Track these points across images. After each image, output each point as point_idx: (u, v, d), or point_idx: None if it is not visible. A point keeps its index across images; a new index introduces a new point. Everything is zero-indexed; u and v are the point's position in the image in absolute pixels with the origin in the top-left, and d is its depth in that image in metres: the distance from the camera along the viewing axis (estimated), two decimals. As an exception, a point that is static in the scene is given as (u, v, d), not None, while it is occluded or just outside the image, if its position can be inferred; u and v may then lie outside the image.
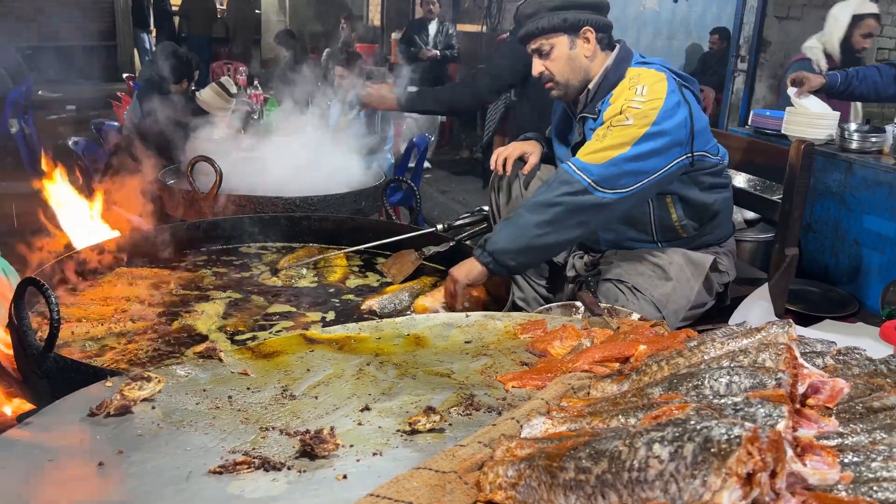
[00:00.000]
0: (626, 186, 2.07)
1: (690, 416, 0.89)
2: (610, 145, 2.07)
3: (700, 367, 1.10)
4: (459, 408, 1.23)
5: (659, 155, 2.10)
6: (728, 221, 2.45)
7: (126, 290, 2.06)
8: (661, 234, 2.34)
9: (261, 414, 1.20)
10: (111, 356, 1.66)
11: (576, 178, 2.05)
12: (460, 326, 1.63)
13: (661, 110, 2.08)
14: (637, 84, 2.16)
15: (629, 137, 2.06)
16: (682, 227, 2.31)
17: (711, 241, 2.39)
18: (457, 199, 6.83)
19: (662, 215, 2.30)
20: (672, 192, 2.26)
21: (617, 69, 2.26)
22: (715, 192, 2.32)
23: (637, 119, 2.07)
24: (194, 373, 1.34)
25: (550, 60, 2.26)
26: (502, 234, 2.05)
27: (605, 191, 2.05)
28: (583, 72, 2.27)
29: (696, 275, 2.30)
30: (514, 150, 2.53)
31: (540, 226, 2.03)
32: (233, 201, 2.68)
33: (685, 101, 2.15)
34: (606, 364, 1.34)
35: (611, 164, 2.05)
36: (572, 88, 2.30)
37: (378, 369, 1.41)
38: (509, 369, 1.42)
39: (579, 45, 2.24)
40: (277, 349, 1.49)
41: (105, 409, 1.13)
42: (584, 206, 2.05)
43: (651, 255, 2.32)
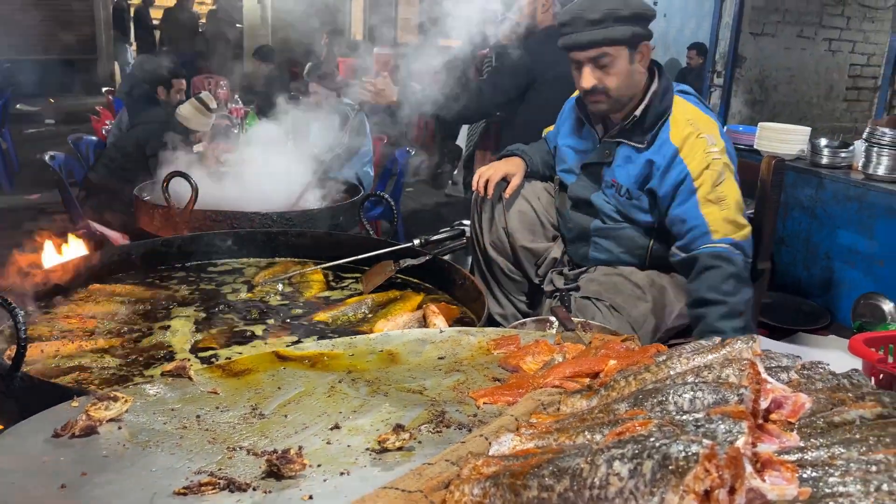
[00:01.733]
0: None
1: (652, 432, 0.89)
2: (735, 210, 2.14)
3: (665, 383, 1.11)
4: (430, 425, 1.23)
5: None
6: None
7: (98, 307, 2.04)
8: (652, 262, 2.35)
9: (229, 434, 1.19)
10: (81, 375, 1.64)
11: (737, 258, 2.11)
12: (434, 342, 1.63)
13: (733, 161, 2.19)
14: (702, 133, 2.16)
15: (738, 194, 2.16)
16: (671, 255, 2.32)
17: None
18: (437, 213, 6.84)
19: (660, 247, 2.31)
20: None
21: (664, 97, 2.20)
22: None
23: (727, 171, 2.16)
24: (163, 392, 1.33)
25: (608, 74, 2.14)
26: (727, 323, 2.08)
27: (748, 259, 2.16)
28: (634, 89, 2.19)
29: (678, 298, 2.31)
30: (496, 172, 2.49)
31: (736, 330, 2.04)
32: (209, 216, 2.67)
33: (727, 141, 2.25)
34: (577, 379, 1.35)
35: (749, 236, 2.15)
36: (621, 105, 2.22)
37: (350, 386, 1.41)
38: (482, 385, 1.42)
39: (637, 61, 2.15)
40: (248, 367, 1.48)
41: (70, 430, 1.12)
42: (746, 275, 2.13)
43: (632, 275, 2.33)
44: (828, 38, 6.24)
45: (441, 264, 2.30)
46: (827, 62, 6.29)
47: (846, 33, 6.26)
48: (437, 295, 2.25)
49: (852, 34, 6.29)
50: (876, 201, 2.76)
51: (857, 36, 6.29)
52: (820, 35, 6.16)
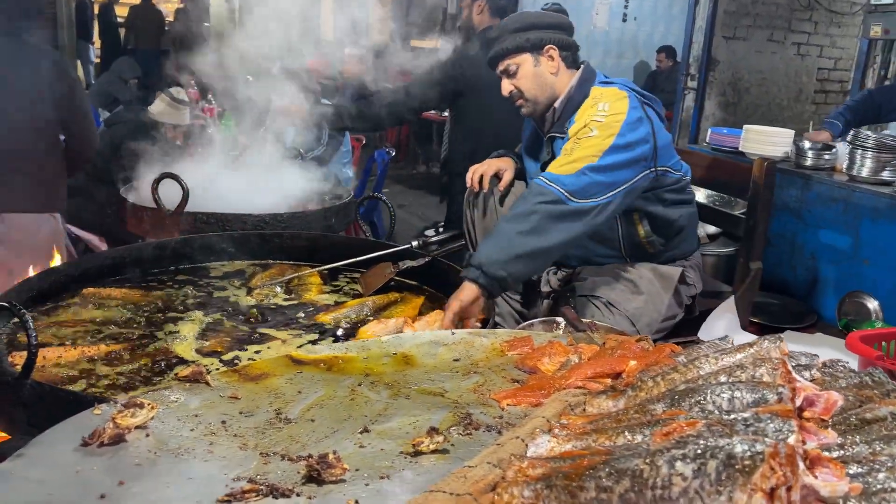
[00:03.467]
0: (597, 195, 2.12)
1: (703, 432, 0.91)
2: (578, 157, 2.13)
3: (699, 383, 1.13)
4: (459, 427, 1.23)
5: (625, 168, 2.17)
6: (693, 236, 2.53)
7: (96, 312, 2.00)
8: (629, 250, 2.40)
9: (258, 439, 1.18)
10: (87, 382, 1.61)
11: (549, 190, 2.10)
12: (447, 344, 1.63)
13: (623, 123, 2.16)
14: (599, 101, 2.23)
15: (596, 149, 2.13)
16: (649, 243, 2.38)
17: (678, 255, 2.46)
18: (415, 213, 6.84)
19: (630, 232, 2.36)
20: (638, 208, 2.32)
21: (581, 88, 2.34)
22: (679, 207, 2.40)
23: (601, 130, 2.15)
24: (183, 398, 1.31)
25: (517, 79, 2.35)
26: (485, 247, 2.06)
27: (577, 200, 2.10)
28: (549, 88, 2.36)
29: (666, 287, 2.37)
30: (490, 167, 2.57)
31: (522, 234, 2.05)
32: (200, 219, 2.63)
33: (647, 118, 2.23)
34: (599, 380, 1.36)
35: (580, 174, 2.11)
36: (541, 105, 2.38)
37: (370, 390, 1.40)
38: (501, 387, 1.43)
39: (543, 63, 2.34)
40: (265, 371, 1.46)
41: (98, 438, 1.09)
42: (562, 213, 2.09)
43: (622, 270, 2.38)
44: (797, 42, 6.40)
45: (441, 266, 2.29)
46: (796, 65, 6.45)
47: (814, 38, 6.42)
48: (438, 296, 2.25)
49: (820, 38, 6.45)
50: (860, 202, 2.84)
51: (824, 41, 6.46)
52: (789, 39, 6.31)
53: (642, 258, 2.41)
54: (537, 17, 2.37)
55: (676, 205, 2.38)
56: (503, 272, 2.00)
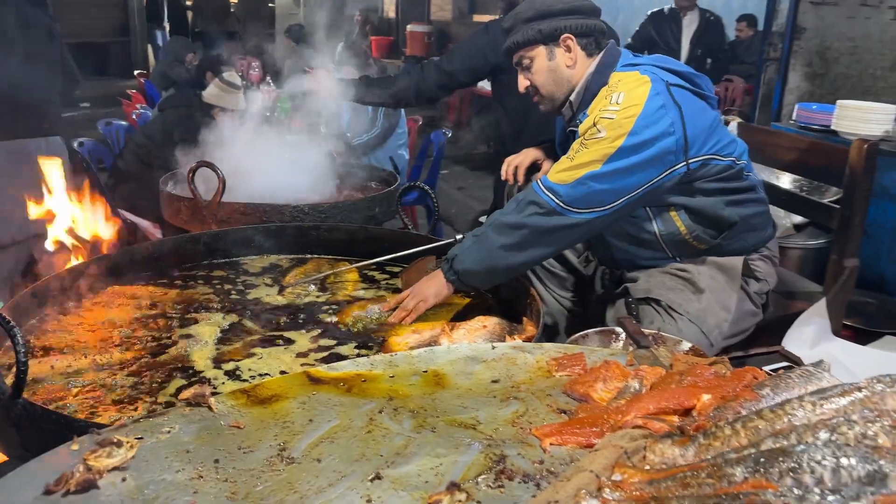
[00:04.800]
0: (601, 205, 1.89)
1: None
2: (580, 163, 1.88)
3: (791, 440, 0.89)
4: (489, 476, 1.03)
5: (638, 170, 1.89)
6: (762, 226, 2.19)
7: (117, 312, 1.88)
8: (674, 250, 2.11)
9: (251, 486, 1.00)
10: (92, 396, 1.48)
11: (543, 199, 1.89)
12: (486, 361, 1.43)
13: (638, 118, 1.87)
14: (614, 92, 1.95)
15: (600, 154, 1.87)
16: (695, 240, 2.08)
17: (746, 247, 2.14)
18: (474, 195, 6.63)
19: (670, 231, 2.07)
20: (672, 203, 2.04)
21: (600, 76, 2.06)
22: (731, 196, 2.07)
23: (610, 130, 1.87)
24: (178, 427, 1.15)
25: (532, 73, 2.13)
26: (469, 253, 1.94)
27: (576, 210, 1.88)
28: (566, 82, 2.11)
29: (730, 282, 2.08)
30: (525, 158, 2.38)
31: (505, 248, 1.90)
32: (237, 209, 2.50)
33: (674, 104, 1.92)
34: (663, 417, 1.13)
35: (579, 184, 1.87)
36: (557, 101, 2.15)
37: (392, 418, 1.21)
38: (545, 418, 1.21)
39: (559, 55, 2.09)
40: (276, 392, 1.29)
41: (64, 485, 0.94)
42: (554, 227, 1.89)
43: (677, 269, 2.10)
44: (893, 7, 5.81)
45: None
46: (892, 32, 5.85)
47: (914, 0, 5.82)
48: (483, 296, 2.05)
49: (920, 1, 5.84)
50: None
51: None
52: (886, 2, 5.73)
53: (694, 256, 2.12)
54: (549, 4, 2.10)
55: (725, 194, 2.05)
56: (478, 283, 1.98)
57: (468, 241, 1.96)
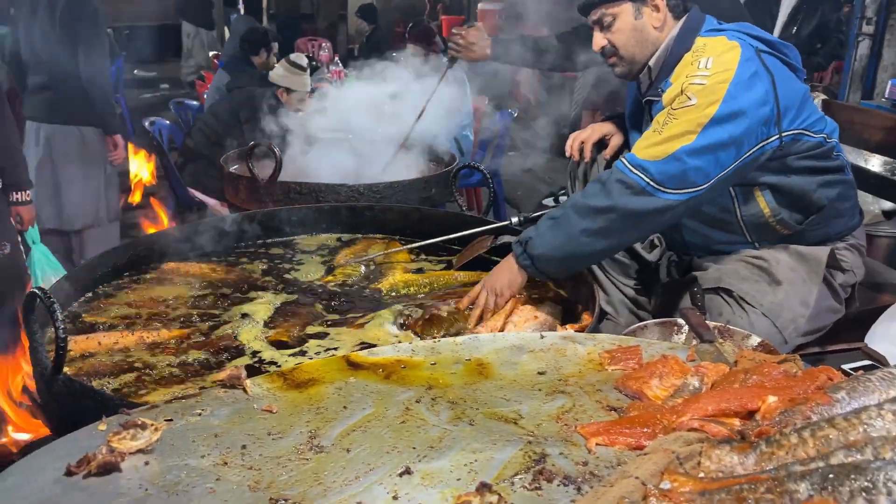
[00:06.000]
0: (694, 184, 1.71)
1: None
2: (671, 135, 1.71)
3: (866, 454, 0.78)
4: (526, 476, 0.95)
5: (733, 143, 1.72)
6: (850, 212, 2.01)
7: (171, 289, 1.89)
8: (755, 234, 1.95)
9: (275, 475, 0.96)
10: (135, 372, 1.47)
11: (631, 178, 1.70)
12: (533, 351, 1.35)
13: (731, 84, 1.71)
14: (701, 57, 1.79)
15: (694, 124, 1.70)
16: (779, 223, 1.91)
17: (830, 234, 1.97)
18: (541, 178, 6.47)
19: (752, 212, 1.91)
20: (758, 182, 1.87)
21: (683, 41, 1.89)
22: (820, 176, 1.90)
23: (702, 97, 1.70)
24: (210, 408, 1.12)
25: (612, 33, 1.94)
26: (546, 237, 1.75)
27: (669, 191, 1.70)
28: (650, 45, 1.94)
29: (812, 274, 1.91)
30: (593, 133, 2.20)
31: (588, 233, 1.72)
32: (293, 189, 2.48)
33: (766, 71, 1.76)
34: (723, 420, 1.03)
35: (672, 159, 1.69)
36: (637, 65, 1.97)
37: (429, 409, 1.15)
38: (593, 416, 1.13)
39: (646, 14, 1.91)
40: (313, 376, 1.25)
41: (86, 467, 0.92)
42: (643, 211, 1.70)
43: (752, 257, 1.94)
44: None
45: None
46: None
47: None
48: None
49: None
50: None
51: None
52: None
53: (776, 241, 1.96)
54: None
55: (815, 174, 1.88)
56: (554, 270, 1.79)
57: (544, 224, 1.78)
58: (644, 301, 2.17)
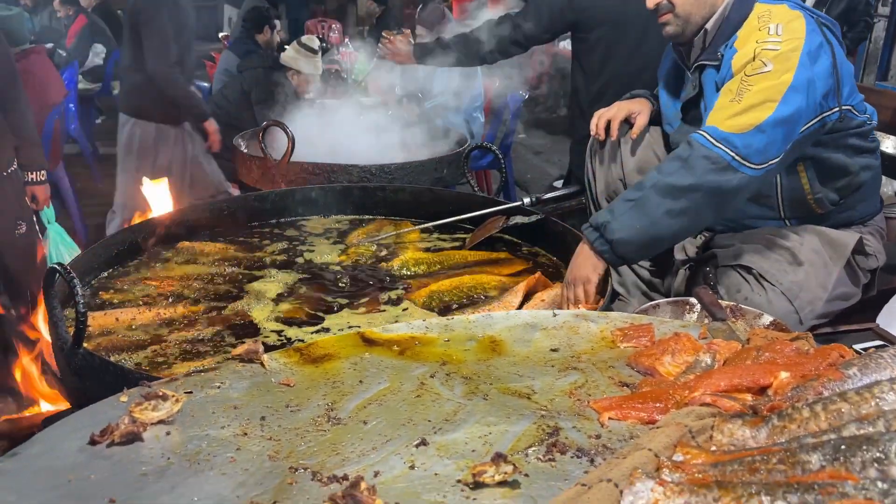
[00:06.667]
0: (773, 158, 1.67)
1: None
2: (752, 104, 1.66)
3: (878, 427, 0.79)
4: (540, 448, 0.97)
5: (804, 113, 1.69)
6: (875, 194, 2.02)
7: (184, 268, 1.91)
8: (789, 209, 1.95)
9: (294, 445, 0.98)
10: (154, 347, 1.50)
11: (716, 153, 1.64)
12: (546, 329, 1.36)
13: (802, 53, 1.68)
14: (769, 23, 1.75)
15: (774, 91, 1.65)
16: (816, 202, 1.91)
17: (854, 217, 1.97)
18: (552, 160, 6.46)
19: (793, 187, 1.90)
20: (806, 156, 1.85)
21: (741, 5, 1.85)
22: (861, 157, 1.90)
23: (777, 63, 1.67)
24: (229, 382, 1.14)
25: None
26: (625, 219, 1.67)
27: (751, 166, 1.65)
28: (708, 6, 1.87)
29: (836, 258, 1.91)
30: (620, 111, 2.15)
31: (673, 214, 1.65)
32: (306, 169, 2.49)
33: (828, 43, 1.75)
34: (735, 395, 1.04)
35: (758, 132, 1.64)
36: (691, 26, 1.90)
37: (443, 384, 1.16)
38: (605, 391, 1.14)
39: None
40: (329, 352, 1.27)
41: (109, 436, 0.94)
42: (728, 188, 1.65)
43: (777, 236, 1.94)
44: None
45: (554, 226, 2.00)
46: None
47: None
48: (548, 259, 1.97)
49: None
50: None
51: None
52: None
53: (807, 220, 1.96)
54: None
55: (857, 154, 1.88)
56: (633, 254, 1.71)
57: (622, 207, 1.69)
58: (658, 283, 2.17)
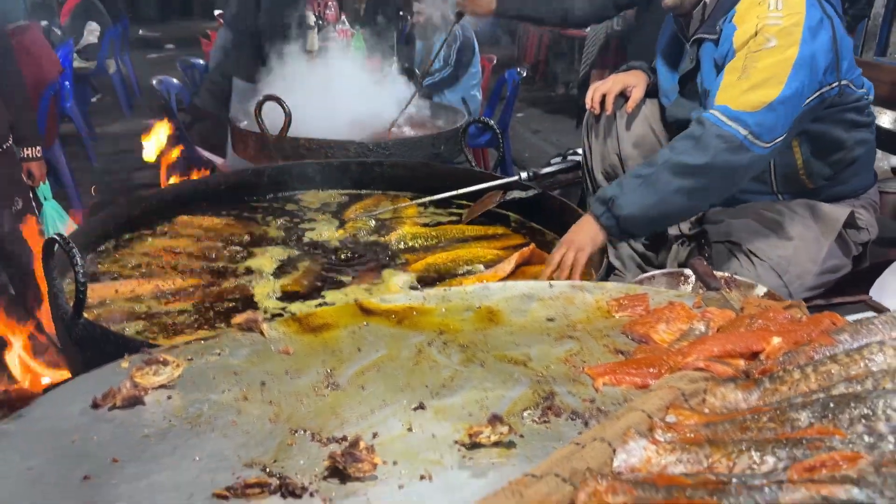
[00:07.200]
0: (780, 135, 1.68)
1: (867, 475, 0.61)
2: (759, 81, 1.67)
3: (866, 386, 0.80)
4: (535, 411, 0.99)
5: (808, 88, 1.70)
6: (869, 169, 2.03)
7: (183, 241, 1.92)
8: (782, 185, 1.96)
9: (294, 409, 1.00)
10: (153, 318, 1.51)
11: (729, 132, 1.65)
12: (542, 299, 1.37)
13: (804, 28, 1.68)
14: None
15: (780, 68, 1.66)
16: (808, 177, 1.93)
17: (846, 191, 1.99)
18: (549, 139, 6.46)
19: (786, 162, 1.91)
20: (801, 131, 1.85)
21: None
22: (856, 131, 1.91)
23: (781, 39, 1.67)
24: (229, 349, 1.15)
25: None
26: (634, 196, 1.68)
27: (762, 144, 1.66)
28: None
29: (826, 232, 1.93)
30: (615, 84, 2.16)
31: (683, 192, 1.66)
32: (302, 145, 2.49)
33: (828, 17, 1.75)
34: (728, 361, 1.06)
35: (769, 110, 1.66)
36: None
37: (440, 352, 1.18)
38: (600, 358, 1.16)
39: None
40: (328, 321, 1.28)
41: (111, 400, 0.95)
42: (739, 167, 1.66)
43: (767, 210, 1.95)
44: None
45: (551, 201, 2.01)
46: None
47: None
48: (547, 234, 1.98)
49: None
50: None
51: None
52: None
53: (799, 194, 1.97)
54: None
55: (853, 128, 1.89)
56: (638, 231, 1.74)
57: (631, 184, 1.70)
58: (652, 257, 2.19)
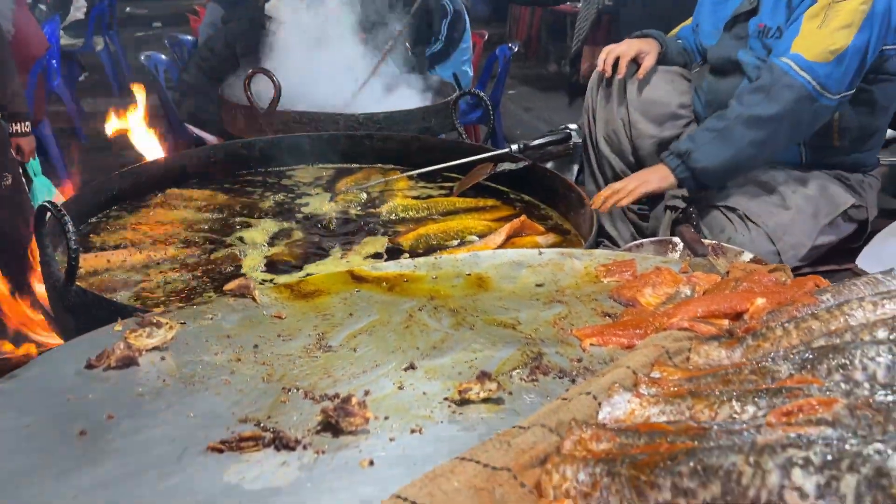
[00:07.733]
0: (847, 88, 1.70)
1: (842, 418, 0.63)
2: (836, 28, 1.66)
3: (845, 338, 0.83)
4: (523, 370, 1.01)
5: (874, 43, 1.71)
6: (879, 144, 2.04)
7: (173, 213, 1.92)
8: (810, 145, 1.96)
9: (287, 369, 1.01)
10: (144, 287, 1.52)
11: (800, 82, 1.67)
12: (532, 266, 1.39)
13: None
14: None
15: (855, 16, 1.66)
16: (839, 132, 1.92)
17: (864, 162, 2.00)
18: (541, 116, 6.44)
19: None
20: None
21: None
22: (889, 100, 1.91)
23: None
24: (221, 315, 1.17)
25: None
26: (709, 149, 1.73)
27: (829, 96, 1.68)
28: None
29: (827, 213, 1.94)
30: (630, 48, 2.15)
31: (755, 144, 1.70)
32: (293, 118, 2.48)
33: None
34: (712, 321, 1.08)
35: (837, 62, 1.67)
36: None
37: (431, 316, 1.20)
38: (588, 321, 1.18)
39: None
40: (319, 288, 1.30)
41: (105, 361, 0.97)
42: (806, 118, 1.69)
43: (770, 180, 1.96)
44: None
45: (541, 172, 2.01)
46: None
47: None
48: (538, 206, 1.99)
49: None
50: None
51: None
52: None
53: (822, 151, 1.95)
54: None
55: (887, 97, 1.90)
56: (709, 182, 1.79)
57: (704, 137, 1.76)
58: (644, 226, 2.21)
